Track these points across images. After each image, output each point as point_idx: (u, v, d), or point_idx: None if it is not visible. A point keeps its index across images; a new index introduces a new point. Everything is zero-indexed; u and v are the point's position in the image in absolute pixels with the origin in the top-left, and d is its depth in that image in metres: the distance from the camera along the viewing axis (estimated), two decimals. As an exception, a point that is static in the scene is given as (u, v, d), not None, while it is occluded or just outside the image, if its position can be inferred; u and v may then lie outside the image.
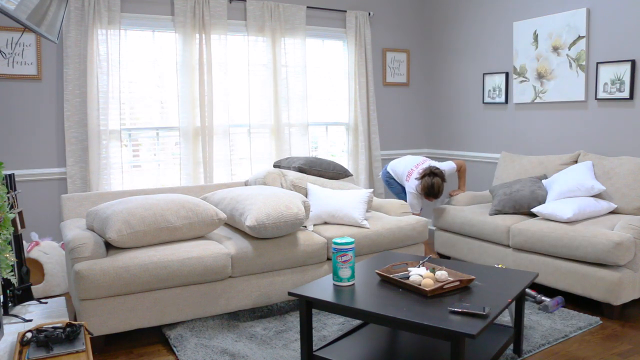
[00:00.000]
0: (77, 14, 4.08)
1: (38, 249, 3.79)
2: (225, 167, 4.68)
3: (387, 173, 4.68)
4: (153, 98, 4.48)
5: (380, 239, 3.68)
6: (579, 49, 4.26)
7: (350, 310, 2.35)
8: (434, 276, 2.54)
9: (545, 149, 4.64)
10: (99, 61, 4.15)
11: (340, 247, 2.58)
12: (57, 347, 2.12)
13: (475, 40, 5.23)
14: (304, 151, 5.04)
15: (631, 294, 3.25)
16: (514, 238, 3.72)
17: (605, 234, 3.22)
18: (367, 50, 5.29)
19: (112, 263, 2.87)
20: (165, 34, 4.51)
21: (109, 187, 4.23)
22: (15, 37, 3.91)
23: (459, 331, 2.03)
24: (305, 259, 3.42)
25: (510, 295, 2.42)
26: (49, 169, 4.13)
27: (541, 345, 2.88)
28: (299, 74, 4.97)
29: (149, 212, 3.07)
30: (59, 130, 4.15)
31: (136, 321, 2.94)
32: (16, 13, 2.36)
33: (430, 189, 4.14)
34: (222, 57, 4.61)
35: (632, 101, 3.97)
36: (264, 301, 3.33)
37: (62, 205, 3.64)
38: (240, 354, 2.78)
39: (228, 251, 3.18)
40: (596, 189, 3.67)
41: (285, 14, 4.88)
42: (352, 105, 5.29)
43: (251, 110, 4.82)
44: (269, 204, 3.25)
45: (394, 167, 4.60)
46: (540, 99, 4.61)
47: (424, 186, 4.16)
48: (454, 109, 5.54)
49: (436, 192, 4.15)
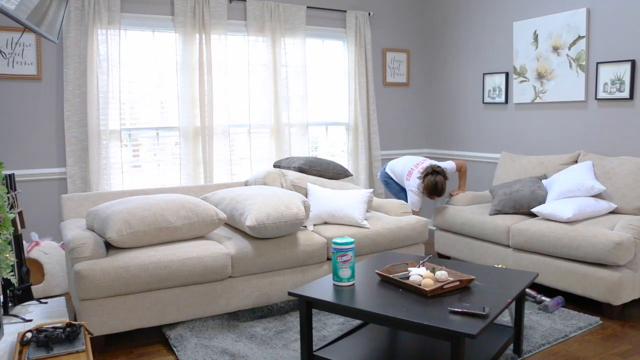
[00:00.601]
0: (77, 14, 4.08)
1: (38, 249, 3.79)
2: (225, 167, 4.68)
3: (385, 173, 4.68)
4: (153, 98, 4.48)
5: (380, 239, 3.68)
6: (579, 49, 4.26)
7: (350, 310, 2.35)
8: (434, 276, 2.54)
9: (545, 149, 4.64)
10: (99, 61, 4.15)
11: (340, 247, 2.58)
12: (57, 347, 2.12)
13: (475, 40, 5.23)
14: (304, 151, 5.04)
15: (631, 294, 3.25)
16: (514, 238, 3.72)
17: (605, 234, 3.22)
18: (367, 50, 5.29)
19: (112, 263, 2.87)
20: (165, 34, 4.51)
21: (109, 187, 4.23)
22: (15, 37, 3.91)
23: (459, 331, 2.03)
24: (305, 259, 3.42)
25: (510, 295, 2.42)
26: (49, 169, 4.13)
27: (541, 345, 2.88)
28: (299, 74, 4.97)
29: (149, 212, 3.07)
30: (59, 130, 4.15)
31: (136, 321, 2.94)
32: (16, 13, 2.36)
33: (434, 187, 4.12)
34: (222, 57, 4.61)
35: (632, 101, 3.97)
36: (264, 301, 3.33)
37: (62, 205, 3.64)
38: (240, 354, 2.78)
39: (228, 251, 3.18)
40: (596, 189, 3.67)
41: (285, 14, 4.88)
42: (352, 105, 5.29)
43: (251, 110, 4.82)
44: (269, 204, 3.24)
45: (393, 167, 4.59)
46: (540, 99, 4.61)
47: (428, 184, 4.14)
48: (454, 109, 5.54)
49: (439, 190, 4.13)
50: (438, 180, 4.12)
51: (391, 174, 4.61)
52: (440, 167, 4.19)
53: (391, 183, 4.62)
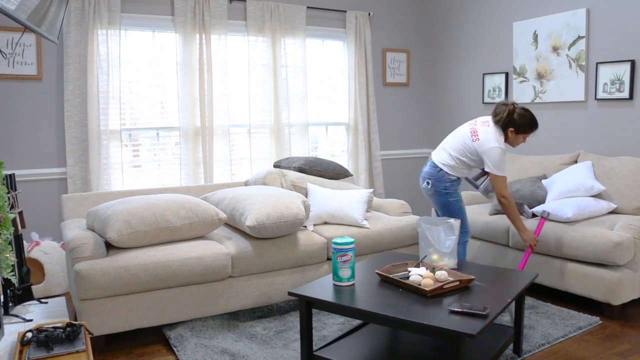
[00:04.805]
0: (77, 14, 4.08)
1: (38, 248, 3.79)
2: (225, 167, 4.68)
3: (432, 169, 3.35)
4: (153, 98, 4.49)
5: (380, 238, 3.68)
6: (579, 49, 4.27)
7: (350, 310, 2.35)
8: (434, 276, 2.54)
9: (545, 149, 4.64)
10: (99, 61, 4.15)
11: (340, 247, 2.58)
12: (57, 347, 2.12)
13: (475, 40, 5.24)
14: (304, 151, 5.04)
15: (631, 294, 3.25)
16: (514, 238, 3.72)
17: (605, 234, 3.22)
18: (367, 51, 5.29)
19: (112, 263, 2.87)
20: (166, 34, 4.51)
21: (109, 187, 4.23)
22: (16, 38, 3.92)
23: (459, 331, 2.03)
24: (305, 259, 3.42)
25: (510, 295, 2.43)
26: (49, 169, 4.13)
27: (541, 345, 2.88)
28: (299, 74, 4.97)
29: (149, 212, 3.07)
30: (59, 130, 4.16)
31: (136, 321, 2.94)
32: (16, 13, 2.36)
33: (532, 117, 3.22)
34: (222, 57, 4.61)
35: (631, 101, 3.97)
36: (264, 301, 3.33)
37: (63, 205, 3.64)
38: (240, 354, 2.79)
39: (228, 251, 3.18)
40: (596, 189, 3.68)
41: (285, 14, 4.88)
42: (352, 105, 5.29)
43: (251, 111, 4.82)
44: (269, 204, 3.25)
45: (445, 149, 3.36)
46: (540, 99, 4.62)
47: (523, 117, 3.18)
48: (454, 109, 5.54)
49: (536, 120, 3.24)
50: (526, 108, 3.25)
51: (447, 161, 3.32)
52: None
53: (450, 187, 3.31)
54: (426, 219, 2.89)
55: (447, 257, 2.82)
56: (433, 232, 2.84)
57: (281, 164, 4.33)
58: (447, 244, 2.81)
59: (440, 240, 2.83)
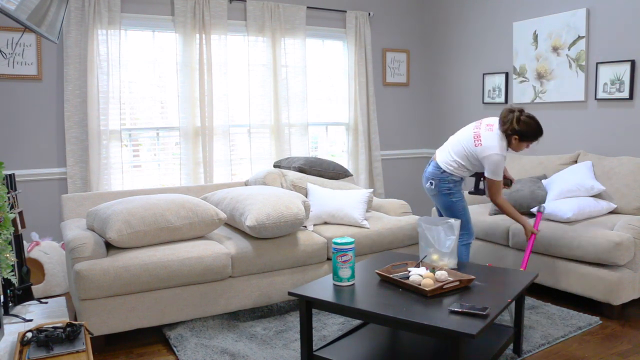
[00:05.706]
0: (77, 14, 4.08)
1: (38, 249, 3.79)
2: (225, 167, 4.68)
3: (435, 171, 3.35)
4: (153, 98, 4.49)
5: (380, 238, 3.68)
6: (579, 49, 4.27)
7: (350, 310, 2.35)
8: (434, 276, 2.54)
9: (545, 149, 4.64)
10: (99, 61, 4.15)
11: (340, 247, 2.58)
12: (57, 347, 2.12)
13: (475, 40, 5.24)
14: (304, 151, 5.04)
15: (631, 294, 3.25)
16: (514, 238, 3.72)
17: (605, 234, 3.22)
18: (367, 51, 5.29)
19: (112, 263, 2.87)
20: (166, 34, 4.51)
21: (109, 187, 4.23)
22: (16, 37, 3.92)
23: (459, 331, 2.03)
24: (305, 259, 3.43)
25: (510, 295, 2.43)
26: (49, 169, 4.13)
27: (541, 345, 2.88)
28: (299, 74, 4.97)
29: (149, 212, 3.07)
30: (59, 130, 4.16)
31: (136, 321, 2.94)
32: (16, 13, 2.36)
33: (537, 124, 3.16)
34: (222, 57, 4.61)
35: (631, 101, 3.97)
36: (264, 301, 3.33)
37: (63, 205, 3.64)
38: (240, 354, 2.79)
39: (228, 251, 3.18)
40: (596, 189, 3.68)
41: (285, 14, 4.88)
42: (352, 105, 5.29)
43: (251, 111, 4.82)
44: (269, 204, 3.25)
45: (449, 150, 3.36)
46: (540, 99, 4.62)
47: (528, 124, 3.13)
48: (454, 109, 5.54)
49: (541, 128, 3.19)
50: (533, 117, 3.18)
51: (449, 163, 3.32)
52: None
53: (453, 188, 3.34)
54: (426, 219, 2.89)
55: (447, 257, 2.82)
56: (433, 232, 2.84)
57: (281, 164, 4.33)
58: (447, 244, 2.81)
59: (440, 240, 2.83)
